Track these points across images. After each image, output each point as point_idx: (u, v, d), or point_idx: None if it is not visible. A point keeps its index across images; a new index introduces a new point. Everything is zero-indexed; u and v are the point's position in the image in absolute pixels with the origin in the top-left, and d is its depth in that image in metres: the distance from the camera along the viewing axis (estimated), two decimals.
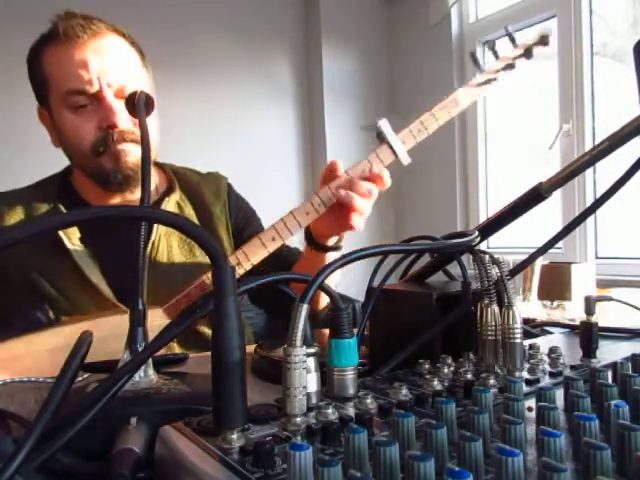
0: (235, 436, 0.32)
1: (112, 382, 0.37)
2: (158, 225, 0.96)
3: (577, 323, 0.64)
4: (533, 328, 0.74)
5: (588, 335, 0.51)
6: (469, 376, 0.43)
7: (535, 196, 0.57)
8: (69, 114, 0.92)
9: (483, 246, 0.58)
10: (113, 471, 0.33)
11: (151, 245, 0.96)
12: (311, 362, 0.39)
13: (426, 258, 0.63)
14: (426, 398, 0.38)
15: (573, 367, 0.47)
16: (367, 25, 2.95)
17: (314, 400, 0.39)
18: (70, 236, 0.92)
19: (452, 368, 0.46)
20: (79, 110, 0.91)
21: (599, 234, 2.24)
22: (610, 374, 0.39)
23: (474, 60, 0.89)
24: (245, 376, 0.33)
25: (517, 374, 0.45)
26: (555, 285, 1.06)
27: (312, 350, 0.39)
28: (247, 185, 1.22)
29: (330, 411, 0.36)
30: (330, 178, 0.87)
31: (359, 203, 0.84)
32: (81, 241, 0.93)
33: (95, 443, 0.38)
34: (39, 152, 1.36)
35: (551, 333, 0.72)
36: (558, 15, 2.27)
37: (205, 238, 0.33)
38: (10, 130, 2.17)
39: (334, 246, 0.94)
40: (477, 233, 0.55)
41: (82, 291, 0.90)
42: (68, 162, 1.04)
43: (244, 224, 1.12)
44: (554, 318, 0.92)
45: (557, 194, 0.58)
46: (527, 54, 0.89)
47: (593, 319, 0.53)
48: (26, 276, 0.91)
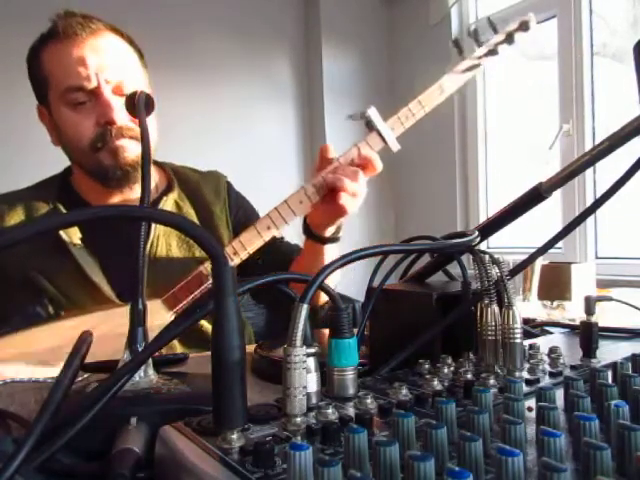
0: (235, 436, 0.32)
1: (112, 382, 0.37)
2: (157, 225, 0.96)
3: (577, 323, 0.64)
4: (533, 328, 0.74)
5: (588, 335, 0.51)
6: (469, 376, 0.43)
7: (535, 196, 0.57)
8: (68, 111, 0.92)
9: (483, 246, 0.58)
10: (113, 471, 0.33)
11: (150, 244, 0.96)
12: (311, 362, 0.39)
13: (426, 258, 0.63)
14: (426, 398, 0.38)
15: (573, 367, 0.47)
16: (367, 25, 2.95)
17: (314, 400, 0.39)
18: (71, 236, 0.92)
19: (452, 368, 0.46)
20: (78, 107, 0.92)
21: (599, 234, 2.24)
22: (610, 374, 0.39)
23: (457, 46, 0.92)
24: (245, 376, 0.33)
25: (517, 374, 0.45)
26: (555, 285, 1.06)
27: (312, 350, 0.39)
28: (247, 185, 1.22)
29: (330, 411, 0.36)
30: (322, 165, 0.88)
31: (347, 184, 0.85)
32: (82, 241, 0.93)
33: (95, 443, 0.38)
34: (39, 152, 1.36)
35: (551, 333, 0.72)
36: (558, 15, 2.27)
37: (205, 238, 0.33)
38: (10, 130, 2.17)
39: (332, 237, 0.94)
40: (477, 233, 0.55)
41: (83, 290, 0.90)
42: (68, 162, 1.04)
43: (244, 222, 1.12)
44: (554, 318, 0.92)
45: (557, 194, 0.58)
46: (509, 40, 0.93)
47: (593, 319, 0.53)
48: (26, 275, 0.91)
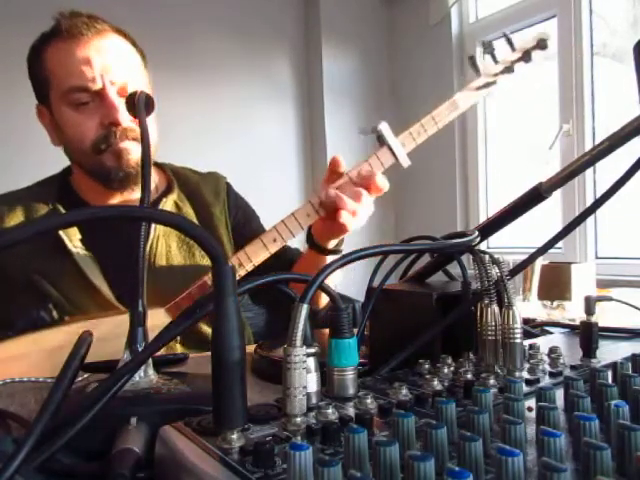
0: (235, 436, 0.32)
1: (112, 382, 0.37)
2: (156, 225, 0.96)
3: (577, 323, 0.64)
4: (533, 328, 0.74)
5: (588, 335, 0.51)
6: (469, 376, 0.43)
7: (535, 196, 0.57)
8: (70, 111, 0.92)
9: (483, 246, 0.58)
10: (113, 471, 0.33)
11: (149, 245, 0.95)
12: (311, 362, 0.39)
13: (426, 258, 0.63)
14: (426, 398, 0.38)
15: (573, 367, 0.47)
16: (367, 25, 2.95)
17: (314, 400, 0.39)
18: (71, 237, 0.92)
19: (452, 368, 0.46)
20: (81, 107, 0.91)
21: (599, 234, 2.23)
22: (610, 374, 0.39)
23: (472, 64, 0.89)
24: (245, 376, 0.33)
25: (517, 374, 0.45)
26: (555, 285, 1.06)
27: (312, 350, 0.39)
28: (247, 185, 1.22)
29: (330, 411, 0.36)
30: (332, 177, 0.87)
31: (348, 203, 0.83)
32: (82, 242, 0.93)
33: (95, 443, 0.38)
34: (39, 152, 1.36)
35: (551, 333, 0.72)
36: (558, 15, 2.27)
37: (205, 238, 0.33)
38: (10, 130, 2.17)
39: (334, 249, 0.93)
40: (477, 233, 0.55)
41: (84, 292, 0.90)
42: (67, 162, 1.03)
43: (244, 223, 1.12)
44: (554, 318, 0.92)
45: (557, 194, 0.58)
46: (526, 58, 0.89)
47: (593, 319, 0.53)
48: (28, 278, 0.90)
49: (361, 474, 0.25)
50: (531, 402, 0.36)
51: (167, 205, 1.02)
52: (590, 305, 0.63)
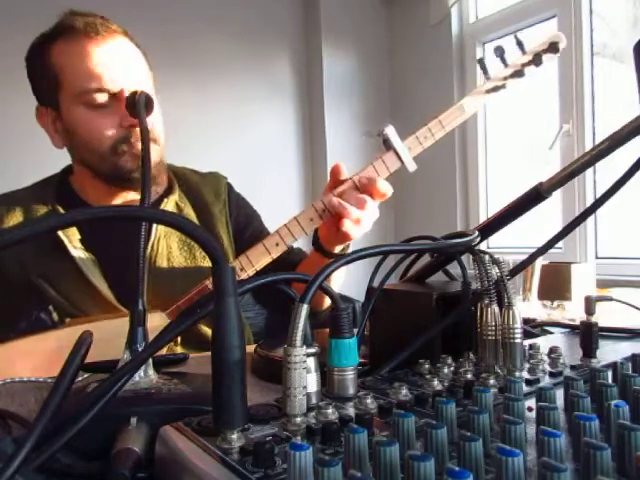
0: (235, 436, 0.32)
1: (112, 382, 0.37)
2: (157, 226, 0.95)
3: (577, 323, 0.64)
4: (533, 328, 0.74)
5: (588, 335, 0.51)
6: (469, 376, 0.43)
7: (535, 196, 0.57)
8: (86, 112, 0.90)
9: (483, 246, 0.58)
10: (113, 471, 0.33)
11: (150, 247, 0.95)
12: (311, 362, 0.39)
13: (426, 258, 0.63)
14: (426, 398, 0.38)
15: (573, 367, 0.47)
16: (367, 25, 2.95)
17: (314, 400, 0.39)
18: (70, 238, 0.91)
19: (452, 368, 0.46)
20: (98, 108, 0.89)
21: (599, 234, 2.23)
22: (610, 374, 0.39)
23: (481, 66, 0.87)
24: (245, 376, 0.33)
25: (517, 374, 0.45)
26: (555, 285, 1.06)
27: (312, 350, 0.39)
28: (247, 185, 1.22)
29: (330, 411, 0.36)
30: (334, 184, 0.86)
31: (350, 211, 0.82)
32: (82, 243, 0.92)
33: (95, 443, 0.38)
34: (38, 152, 1.36)
35: (551, 333, 0.72)
36: (558, 15, 2.27)
37: (205, 238, 0.33)
38: (10, 130, 2.17)
39: (340, 254, 0.93)
40: (477, 233, 0.55)
41: (84, 294, 0.90)
42: (64, 162, 1.03)
43: (245, 224, 1.12)
44: (554, 318, 0.92)
45: (557, 194, 0.58)
46: (536, 61, 0.86)
47: (593, 319, 0.53)
48: (29, 279, 0.90)
49: (361, 474, 0.25)
50: (531, 402, 0.36)
51: (168, 206, 1.01)
52: (590, 305, 0.63)
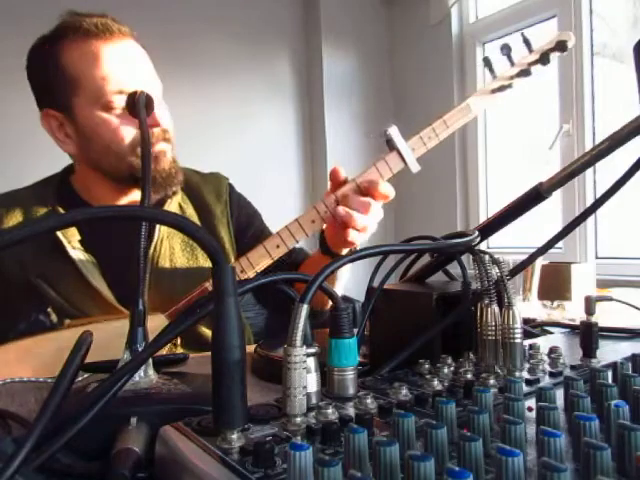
0: (235, 436, 0.32)
1: (112, 382, 0.37)
2: (160, 227, 0.95)
3: (577, 323, 0.64)
4: (533, 328, 0.74)
5: (588, 335, 0.51)
6: (469, 376, 0.43)
7: (535, 196, 0.57)
8: (105, 115, 0.89)
9: (483, 246, 0.58)
10: (113, 471, 0.33)
11: (153, 247, 0.95)
12: (311, 362, 0.39)
13: (426, 258, 0.63)
14: (426, 398, 0.38)
15: (573, 367, 0.47)
16: (367, 25, 2.95)
17: (314, 400, 0.39)
18: (70, 239, 0.90)
19: (452, 368, 0.46)
20: (115, 111, 0.89)
21: (599, 234, 2.23)
22: (610, 374, 0.39)
23: (488, 65, 0.85)
24: (245, 376, 0.33)
25: (517, 374, 0.45)
26: (555, 285, 1.06)
27: (312, 350, 0.39)
28: (247, 185, 1.22)
29: (330, 411, 0.36)
30: (335, 186, 0.85)
31: (356, 219, 0.81)
32: (81, 243, 0.92)
33: (95, 443, 0.38)
34: (39, 152, 1.36)
35: (551, 333, 0.72)
36: (558, 15, 2.27)
37: (205, 238, 0.33)
38: (10, 130, 2.16)
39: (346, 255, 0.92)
40: (477, 233, 0.55)
41: (84, 294, 0.89)
42: (65, 162, 1.03)
43: (246, 224, 1.12)
44: (554, 318, 0.92)
45: (557, 194, 0.58)
46: (543, 60, 0.85)
47: (593, 319, 0.53)
48: (28, 280, 0.89)
49: (361, 474, 0.25)
50: (531, 402, 0.36)
51: (172, 206, 1.01)
52: (590, 305, 0.63)
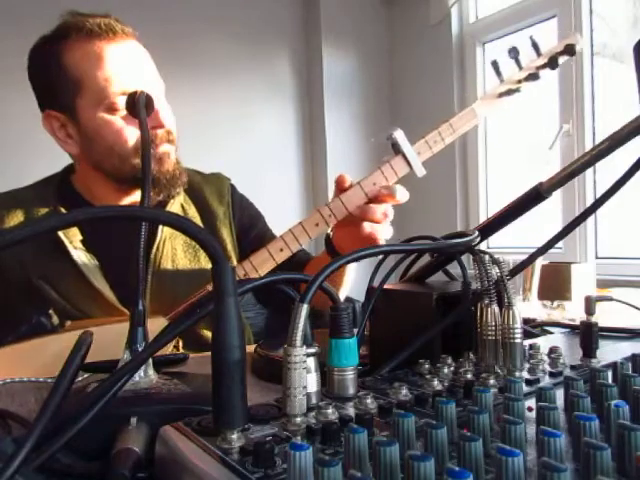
0: (235, 436, 0.32)
1: (112, 382, 0.37)
2: (162, 228, 0.95)
3: (577, 323, 0.64)
4: (533, 328, 0.74)
5: (588, 335, 0.51)
6: (469, 376, 0.43)
7: (535, 196, 0.57)
8: (109, 116, 0.88)
9: (483, 246, 0.58)
10: (113, 471, 0.33)
11: (155, 248, 0.94)
12: (311, 362, 0.39)
13: (426, 258, 0.63)
14: (426, 398, 0.38)
15: (573, 367, 0.47)
16: (367, 25, 2.95)
17: (314, 400, 0.39)
18: (71, 239, 0.90)
19: (452, 368, 0.46)
20: (119, 112, 0.88)
21: (599, 234, 2.23)
22: (610, 374, 0.39)
23: (495, 68, 0.84)
24: (245, 376, 0.33)
25: (517, 374, 0.45)
26: (555, 285, 1.06)
27: (312, 350, 0.39)
28: (247, 185, 1.22)
29: (330, 411, 0.36)
30: (341, 191, 0.86)
31: (382, 232, 0.85)
32: (83, 244, 0.91)
33: (95, 443, 0.38)
34: (39, 152, 1.36)
35: (551, 333, 0.72)
36: (558, 15, 2.27)
37: (206, 238, 0.33)
38: (10, 130, 2.16)
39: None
40: (477, 233, 0.55)
41: (85, 295, 0.89)
42: (65, 161, 1.02)
43: (249, 225, 1.11)
44: (554, 318, 0.92)
45: (557, 194, 0.58)
46: (552, 64, 0.83)
47: (593, 319, 0.53)
48: (29, 281, 0.89)
49: (361, 474, 0.25)
50: (531, 402, 0.36)
51: (174, 207, 1.01)
52: (590, 305, 0.63)
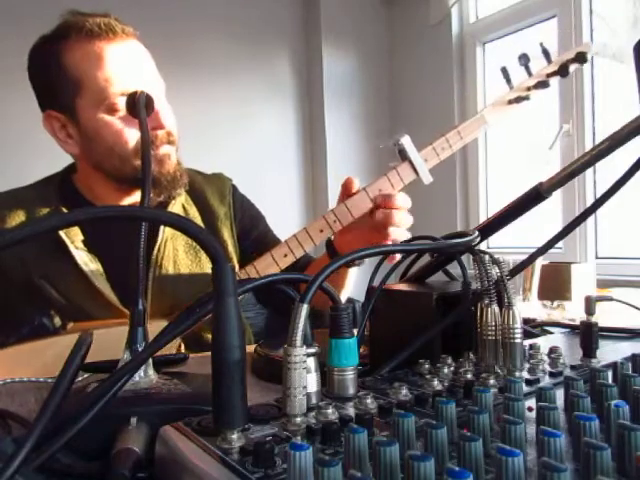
0: (235, 436, 0.32)
1: (112, 382, 0.37)
2: (164, 229, 0.95)
3: (577, 323, 0.64)
4: (533, 328, 0.74)
5: (588, 335, 0.51)
6: (469, 376, 0.43)
7: (535, 196, 0.57)
8: (109, 117, 0.88)
9: (483, 246, 0.58)
10: (113, 471, 0.33)
11: (157, 249, 0.94)
12: (311, 362, 0.39)
13: (426, 258, 0.63)
14: (426, 398, 0.38)
15: (573, 367, 0.47)
16: (367, 25, 2.95)
17: (314, 400, 0.39)
18: (73, 239, 0.90)
19: (452, 368, 0.46)
20: (119, 112, 0.87)
21: (599, 234, 2.23)
22: (610, 374, 0.39)
23: (505, 75, 0.83)
24: (245, 376, 0.33)
25: (517, 374, 0.45)
26: (555, 285, 1.06)
27: (312, 350, 0.39)
28: (247, 185, 1.22)
29: (330, 411, 0.36)
30: (346, 195, 0.86)
31: (401, 237, 0.86)
32: (84, 244, 0.91)
33: (95, 443, 0.38)
34: (39, 152, 1.36)
35: (551, 333, 0.72)
36: (558, 15, 2.27)
37: (207, 239, 0.33)
38: (10, 130, 2.16)
39: (358, 263, 0.92)
40: (477, 233, 0.55)
41: (87, 296, 0.89)
42: (65, 161, 1.02)
43: (250, 226, 1.11)
44: (554, 318, 0.92)
45: (557, 194, 0.58)
46: (562, 71, 0.82)
47: (593, 319, 0.53)
48: (31, 281, 0.89)
49: (361, 474, 0.25)
50: (531, 402, 0.36)
51: (175, 207, 1.00)
52: (590, 305, 0.63)
